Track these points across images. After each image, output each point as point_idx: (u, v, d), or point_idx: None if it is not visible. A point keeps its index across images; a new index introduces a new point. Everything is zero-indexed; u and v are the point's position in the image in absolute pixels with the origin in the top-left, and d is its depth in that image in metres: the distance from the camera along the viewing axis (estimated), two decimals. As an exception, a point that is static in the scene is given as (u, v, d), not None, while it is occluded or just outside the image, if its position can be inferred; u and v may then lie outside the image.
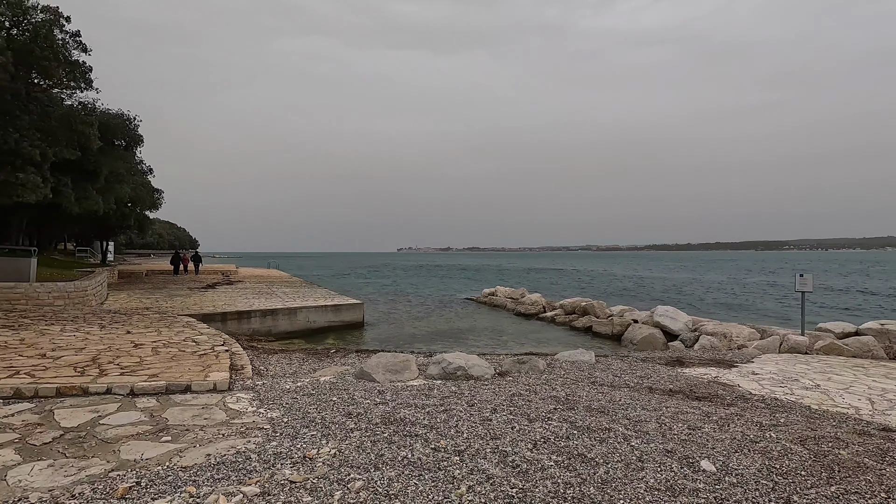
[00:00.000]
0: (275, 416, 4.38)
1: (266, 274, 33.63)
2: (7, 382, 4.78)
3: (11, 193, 10.14)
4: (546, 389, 5.41)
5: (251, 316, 13.20)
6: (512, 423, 4.05)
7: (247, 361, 6.73)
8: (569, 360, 7.15)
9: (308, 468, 3.17)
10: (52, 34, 9.58)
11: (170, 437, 3.80)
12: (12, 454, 3.43)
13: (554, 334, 15.47)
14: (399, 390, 5.34)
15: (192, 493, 2.85)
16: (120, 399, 4.71)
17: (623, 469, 3.20)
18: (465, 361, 6.11)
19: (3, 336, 7.05)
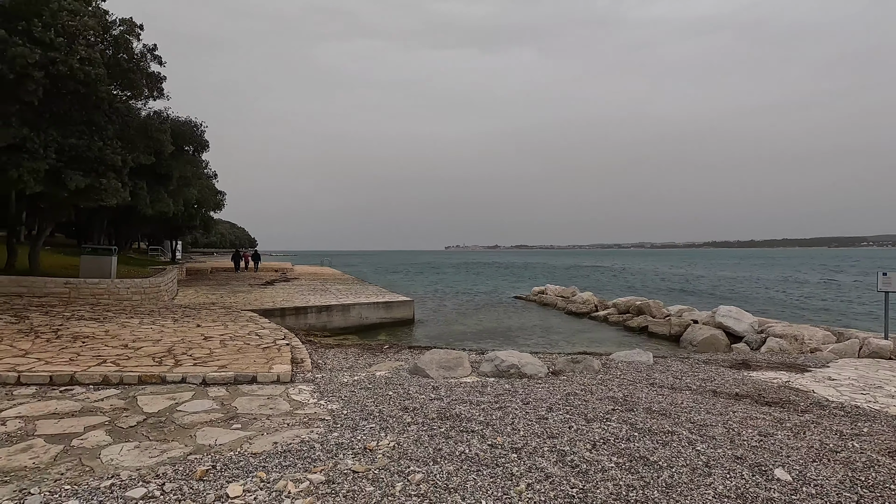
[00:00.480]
0: (335, 408, 4.54)
1: (319, 271, 34.81)
2: (97, 370, 5.22)
3: (96, 197, 11.06)
4: (602, 390, 5.28)
5: (307, 312, 13.71)
6: (569, 422, 4.00)
7: (306, 355, 7.01)
8: (625, 361, 6.95)
9: (369, 459, 3.27)
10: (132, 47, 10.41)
11: (240, 425, 4.03)
12: (104, 435, 3.75)
13: (607, 334, 15.07)
14: (453, 387, 5.39)
15: (263, 479, 3.01)
16: (194, 388, 5.03)
17: (689, 474, 3.08)
18: (518, 359, 6.08)
19: (90, 327, 7.72)
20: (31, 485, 2.91)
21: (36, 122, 9.95)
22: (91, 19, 9.19)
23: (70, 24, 8.85)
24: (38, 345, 6.33)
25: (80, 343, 6.57)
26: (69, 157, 10.39)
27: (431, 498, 2.70)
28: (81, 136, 10.69)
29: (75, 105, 10.64)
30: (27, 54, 8.22)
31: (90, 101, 10.09)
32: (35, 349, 6.10)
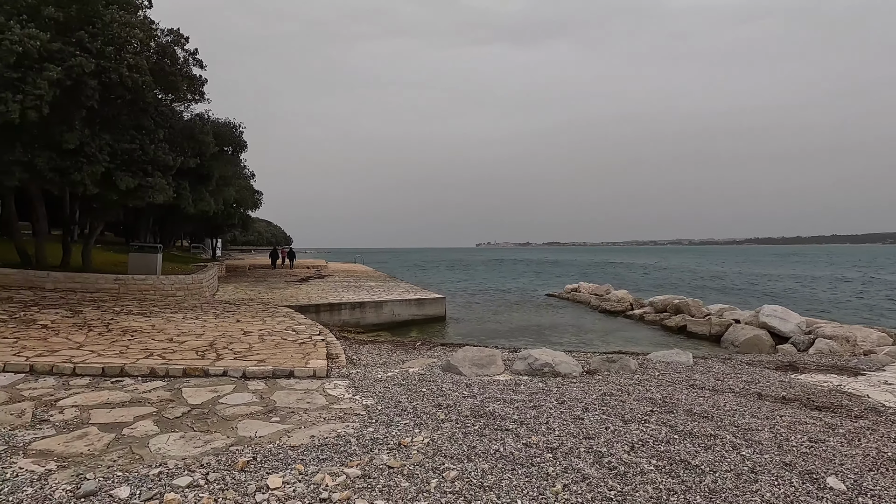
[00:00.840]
0: (369, 404, 4.60)
1: (352, 268, 35.37)
2: (144, 363, 5.46)
3: (145, 196, 11.57)
4: (640, 390, 5.15)
5: (341, 308, 13.95)
6: (605, 423, 3.92)
7: (341, 351, 7.13)
8: (663, 361, 6.76)
9: (404, 455, 3.30)
10: (176, 54, 10.85)
11: (278, 419, 4.14)
12: (152, 425, 3.92)
13: (642, 333, 14.70)
14: (486, 384, 5.37)
15: (301, 471, 3.08)
16: (234, 381, 5.20)
17: (733, 480, 2.96)
18: (552, 358, 6.00)
19: (138, 322, 8.09)
20: (86, 470, 3.07)
21: (91, 128, 10.49)
22: (138, 29, 9.63)
23: (119, 35, 9.30)
24: (91, 338, 6.68)
25: (129, 336, 6.89)
26: (120, 160, 10.93)
27: (466, 496, 2.69)
28: (133, 140, 11.22)
29: (125, 110, 11.16)
30: (84, 63, 8.68)
31: (137, 106, 10.57)
32: (88, 342, 6.43)
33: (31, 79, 8.13)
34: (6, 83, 8.01)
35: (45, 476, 2.97)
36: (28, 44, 7.96)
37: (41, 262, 12.13)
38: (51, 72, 8.26)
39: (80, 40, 9.07)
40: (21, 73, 8.15)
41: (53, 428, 3.80)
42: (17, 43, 7.87)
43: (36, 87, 8.06)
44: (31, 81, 8.11)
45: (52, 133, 9.29)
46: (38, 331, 6.86)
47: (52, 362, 5.27)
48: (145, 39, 9.80)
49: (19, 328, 6.93)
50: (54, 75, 8.27)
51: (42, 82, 8.11)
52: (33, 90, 8.06)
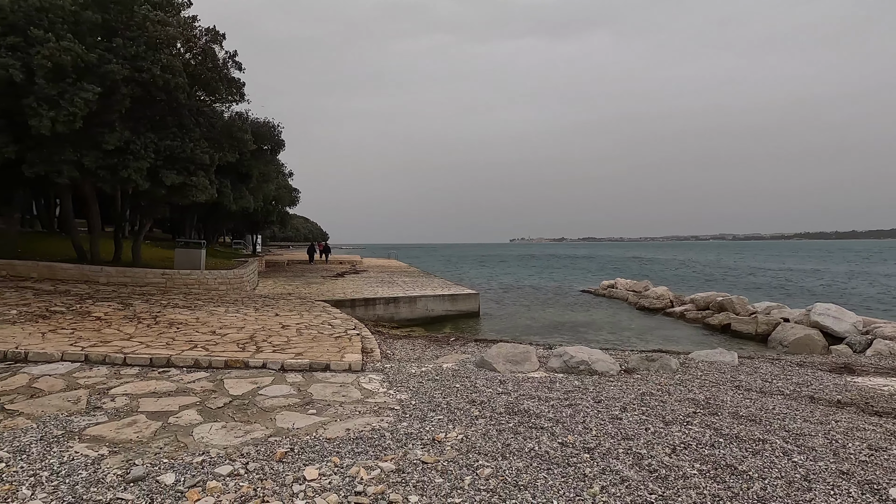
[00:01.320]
0: (403, 398, 4.62)
1: (386, 264, 35.77)
2: (189, 354, 5.68)
3: (188, 195, 12.04)
4: (681, 391, 4.97)
5: (376, 303, 14.12)
6: (645, 423, 3.79)
7: (375, 345, 7.21)
8: (706, 361, 6.50)
9: (437, 451, 3.29)
10: (216, 55, 11.23)
11: (315, 411, 4.21)
12: (195, 414, 4.06)
13: (683, 332, 14.22)
14: (520, 381, 5.30)
15: (337, 463, 3.11)
16: (273, 373, 5.33)
17: (784, 487, 2.80)
18: (589, 356, 5.87)
19: (184, 315, 8.42)
20: (135, 456, 3.21)
21: (136, 128, 10.99)
22: (175, 29, 9.99)
23: (154, 35, 9.68)
24: (140, 329, 7.00)
25: (175, 329, 7.19)
26: (165, 158, 11.41)
27: (501, 494, 2.66)
28: (175, 138, 11.69)
29: (167, 111, 11.63)
30: (117, 70, 9.11)
31: (173, 106, 10.99)
32: (138, 333, 6.74)
33: (69, 95, 8.59)
34: (45, 97, 8.49)
35: (98, 461, 3.13)
36: (61, 57, 8.39)
37: (95, 258, 12.82)
38: (87, 92, 8.68)
39: (117, 45, 9.49)
40: (60, 87, 8.62)
41: (106, 415, 3.99)
42: (48, 57, 8.31)
43: (72, 104, 8.52)
44: (69, 99, 8.56)
45: (93, 135, 9.77)
46: (93, 322, 7.24)
47: (105, 352, 5.55)
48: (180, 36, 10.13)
49: (76, 319, 7.34)
50: (90, 96, 8.69)
51: (79, 101, 8.55)
52: (69, 106, 8.51)
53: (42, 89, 8.43)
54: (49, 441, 3.42)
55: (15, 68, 8.31)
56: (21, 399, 4.30)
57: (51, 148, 9.84)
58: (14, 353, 5.41)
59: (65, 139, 9.90)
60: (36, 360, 5.38)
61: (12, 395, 4.41)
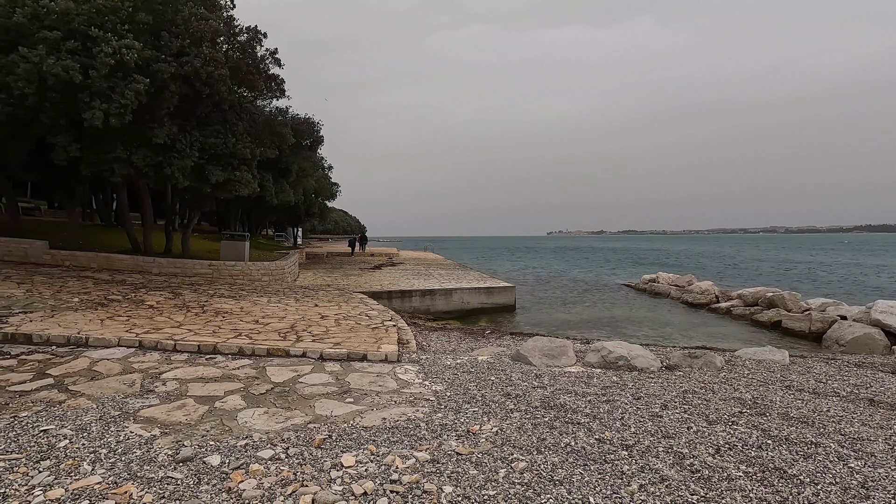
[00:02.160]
0: (438, 390, 4.65)
1: (423, 256, 36.01)
2: (234, 342, 5.91)
3: (232, 189, 12.50)
4: (726, 389, 4.77)
5: (412, 295, 14.26)
6: (687, 422, 3.66)
7: (411, 336, 7.28)
8: (754, 359, 6.22)
9: (472, 442, 3.29)
10: (256, 51, 11.57)
11: (352, 399, 4.30)
12: (240, 400, 4.23)
13: (730, 328, 13.64)
14: (556, 375, 5.24)
15: (373, 451, 3.17)
16: (312, 362, 5.48)
17: (839, 494, 2.65)
18: (628, 351, 5.72)
19: (229, 304, 8.78)
20: (184, 438, 3.38)
21: (184, 125, 11.47)
22: (217, 23, 10.31)
23: (197, 29, 10.04)
24: (189, 318, 7.34)
25: (221, 318, 7.49)
26: (210, 155, 11.87)
27: (535, 488, 2.64)
28: (219, 135, 12.13)
29: (212, 108, 12.07)
30: (165, 69, 9.52)
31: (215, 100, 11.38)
32: (187, 321, 7.07)
33: (120, 89, 9.03)
34: (98, 92, 8.96)
35: (151, 440, 3.31)
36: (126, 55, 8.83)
37: (148, 249, 13.53)
38: (139, 83, 9.12)
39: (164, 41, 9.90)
40: (112, 82, 9.08)
41: (157, 398, 4.21)
42: (110, 55, 8.76)
43: (123, 97, 8.96)
44: (120, 91, 9.01)
45: (142, 131, 10.25)
46: (146, 310, 7.65)
47: (157, 339, 5.85)
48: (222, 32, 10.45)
49: (130, 307, 7.77)
50: (142, 87, 9.12)
51: (129, 93, 8.98)
52: (120, 99, 8.96)
53: (95, 84, 8.91)
54: (107, 421, 3.64)
55: (74, 70, 8.83)
56: (82, 381, 4.59)
57: (104, 146, 10.40)
58: (76, 338, 5.78)
59: (116, 137, 10.44)
60: (95, 344, 5.73)
61: (75, 376, 4.72)
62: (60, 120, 9.86)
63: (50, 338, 5.79)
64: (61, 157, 10.12)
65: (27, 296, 7.83)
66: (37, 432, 3.39)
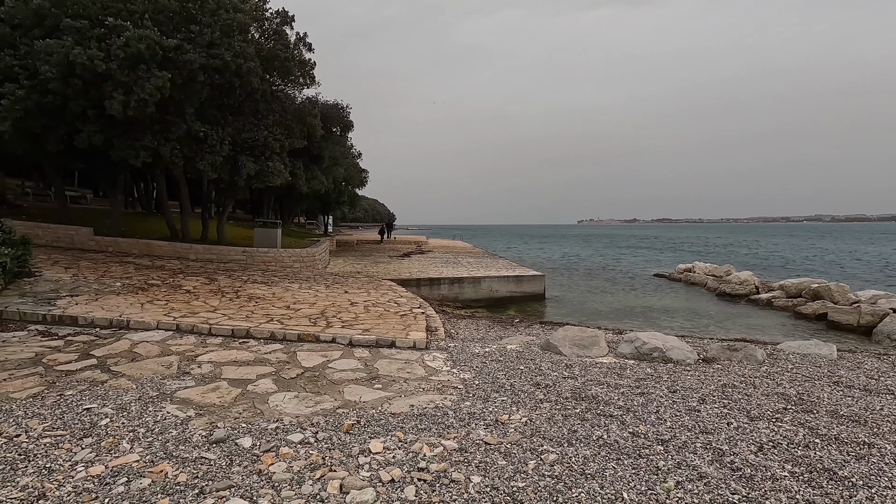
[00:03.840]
0: (467, 378, 4.61)
1: (452, 245, 35.99)
2: (266, 327, 6.02)
3: (264, 179, 12.71)
4: (769, 384, 4.55)
5: (441, 283, 14.25)
6: (726, 417, 3.50)
7: (440, 324, 7.26)
8: (798, 353, 5.92)
9: (501, 432, 3.24)
10: (288, 38, 11.64)
11: (380, 386, 4.31)
12: (271, 384, 4.30)
13: (770, 320, 13.09)
14: (587, 366, 5.12)
15: (401, 438, 3.16)
16: (342, 348, 5.53)
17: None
18: (663, 342, 5.54)
19: (261, 290, 8.96)
20: (217, 419, 3.45)
21: (216, 117, 11.68)
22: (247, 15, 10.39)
23: (228, 20, 10.14)
24: (223, 303, 7.53)
25: (254, 303, 7.65)
26: (242, 148, 12.09)
27: (566, 481, 2.56)
28: (251, 128, 12.33)
29: (243, 97, 12.24)
30: (194, 59, 9.66)
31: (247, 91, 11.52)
32: (222, 306, 7.25)
33: (142, 82, 9.22)
34: (118, 83, 9.16)
35: (186, 421, 3.39)
36: (136, 46, 8.99)
37: (185, 236, 13.96)
38: (159, 78, 9.29)
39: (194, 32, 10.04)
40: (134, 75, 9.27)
41: (193, 380, 4.33)
42: (122, 46, 8.93)
43: (143, 90, 9.14)
44: (140, 85, 9.19)
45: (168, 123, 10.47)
46: (183, 295, 7.89)
47: (193, 323, 6.02)
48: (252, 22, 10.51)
49: (169, 292, 8.03)
50: (160, 82, 9.28)
51: (150, 87, 9.16)
52: (140, 92, 9.14)
53: (116, 75, 9.14)
54: (145, 401, 3.75)
55: (99, 59, 9.04)
56: (123, 362, 4.76)
57: (132, 135, 10.68)
58: (118, 321, 6.01)
59: (145, 127, 10.69)
60: (136, 327, 5.95)
61: (116, 357, 4.90)
62: (88, 110, 10.14)
63: (94, 320, 6.03)
64: (83, 143, 10.42)
65: (73, 280, 8.19)
66: (80, 410, 3.53)
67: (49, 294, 7.14)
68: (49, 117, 9.92)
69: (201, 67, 10.06)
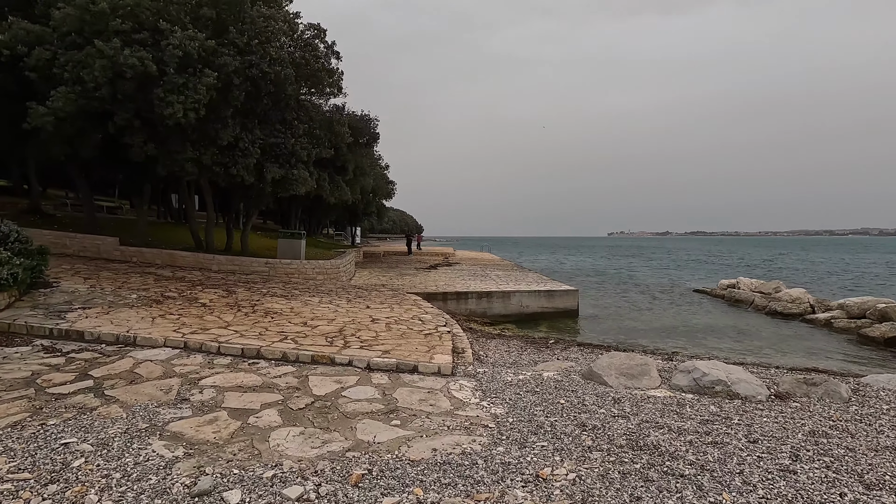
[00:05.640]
0: (499, 413, 3.99)
1: (479, 256, 35.32)
2: (278, 346, 5.54)
3: (289, 187, 12.46)
4: (867, 432, 3.75)
5: (468, 297, 13.63)
6: (835, 485, 2.75)
7: (467, 345, 6.65)
8: (890, 389, 5.03)
9: (543, 494, 2.61)
10: (318, 48, 11.45)
11: (399, 422, 3.73)
12: (276, 415, 3.77)
13: (832, 344, 11.90)
14: (639, 401, 4.41)
15: (419, 497, 2.58)
16: (358, 372, 4.98)
17: None
18: (726, 374, 4.77)
19: (280, 304, 8.56)
20: (206, 462, 2.94)
21: (246, 124, 11.52)
22: (282, 24, 10.21)
23: (265, 29, 9.96)
24: (238, 318, 7.12)
25: (270, 318, 7.22)
26: (269, 154, 11.90)
27: (638, 581, 1.91)
28: (278, 134, 12.14)
29: (272, 107, 12.07)
30: (230, 62, 9.48)
31: (280, 98, 11.33)
32: (235, 321, 6.84)
33: (192, 84, 9.05)
34: (173, 87, 9.01)
35: (171, 464, 2.90)
36: (189, 46, 8.84)
37: (210, 247, 13.82)
38: (208, 76, 9.11)
39: (230, 38, 9.88)
40: (185, 77, 9.11)
41: (191, 408, 3.85)
42: (178, 47, 8.78)
43: (196, 91, 8.96)
44: (192, 86, 9.02)
45: (207, 130, 10.29)
46: (198, 309, 7.53)
47: (202, 340, 5.59)
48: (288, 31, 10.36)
49: (184, 305, 7.69)
50: (212, 80, 9.10)
51: (201, 87, 8.98)
52: (194, 94, 8.96)
53: (172, 78, 8.99)
54: (132, 435, 3.29)
55: (149, 60, 8.92)
56: (121, 384, 4.34)
57: (174, 146, 10.57)
58: (125, 337, 5.64)
59: (185, 137, 10.59)
60: (143, 344, 5.56)
61: (115, 379, 4.49)
62: (134, 121, 10.08)
63: (100, 335, 5.69)
64: (138, 156, 10.36)
65: (90, 291, 7.96)
66: (57, 445, 3.09)
67: (62, 306, 6.89)
68: (86, 120, 9.86)
69: (236, 72, 9.87)
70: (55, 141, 10.34)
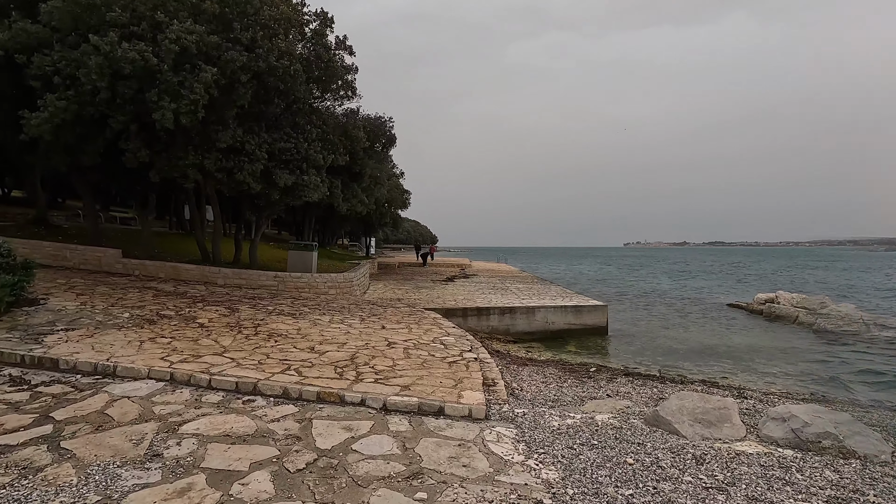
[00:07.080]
0: (553, 480, 3.08)
1: (496, 268, 34.34)
2: (279, 380, 4.70)
3: (300, 194, 11.74)
4: None
5: (490, 313, 12.71)
6: None
7: (497, 375, 5.74)
8: None
9: None
10: (328, 40, 10.74)
11: (425, 494, 2.85)
12: (266, 482, 2.93)
13: (895, 367, 10.67)
14: (728, 461, 3.45)
15: None
16: (373, 415, 4.11)
17: None
18: (833, 424, 3.79)
19: (286, 324, 7.75)
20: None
21: (252, 127, 10.85)
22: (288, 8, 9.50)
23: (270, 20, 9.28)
24: (237, 341, 6.31)
25: (273, 342, 6.40)
26: (279, 159, 11.21)
27: None
28: (289, 139, 11.46)
29: (283, 111, 11.40)
30: (236, 58, 8.80)
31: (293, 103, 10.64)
32: (233, 346, 6.03)
33: (189, 83, 8.36)
34: (168, 88, 8.33)
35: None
36: (186, 40, 8.16)
37: (216, 259, 13.13)
38: (206, 73, 8.42)
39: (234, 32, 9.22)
40: (182, 76, 8.42)
41: (161, 469, 3.03)
42: (175, 41, 8.10)
43: (193, 91, 8.27)
44: (189, 85, 8.33)
45: (209, 133, 9.61)
46: (194, 330, 6.75)
47: (192, 371, 4.79)
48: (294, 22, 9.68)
49: (179, 326, 6.92)
50: (210, 76, 8.41)
51: (198, 86, 8.29)
52: (189, 94, 8.27)
53: (165, 77, 8.33)
54: (73, 517, 2.47)
55: (149, 52, 8.27)
56: (84, 431, 3.55)
57: (175, 150, 9.93)
58: (104, 367, 4.87)
59: (187, 141, 9.95)
60: (123, 375, 4.79)
61: (79, 423, 3.71)
62: (131, 125, 9.49)
63: (77, 364, 4.93)
64: (132, 162, 9.77)
65: (79, 309, 7.25)
66: (-31, 536, 2.27)
67: (43, 327, 6.17)
68: (85, 126, 9.28)
69: (243, 68, 9.18)
70: (54, 149, 9.78)
